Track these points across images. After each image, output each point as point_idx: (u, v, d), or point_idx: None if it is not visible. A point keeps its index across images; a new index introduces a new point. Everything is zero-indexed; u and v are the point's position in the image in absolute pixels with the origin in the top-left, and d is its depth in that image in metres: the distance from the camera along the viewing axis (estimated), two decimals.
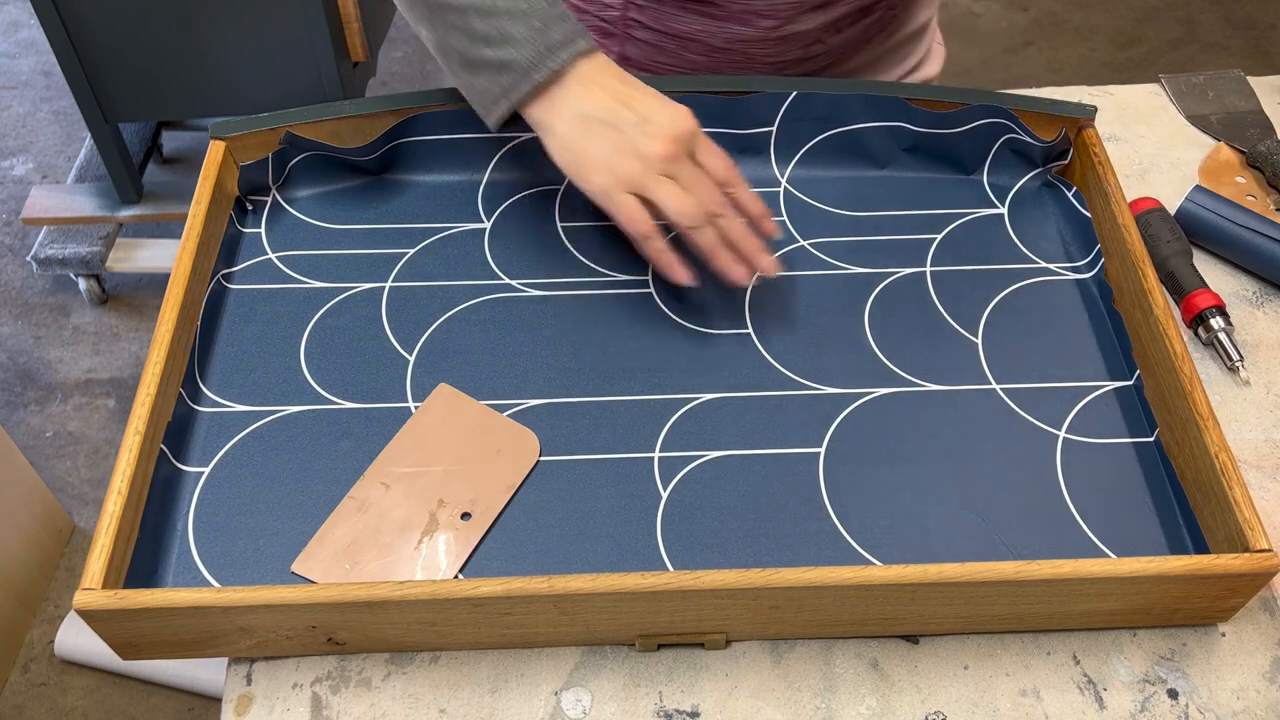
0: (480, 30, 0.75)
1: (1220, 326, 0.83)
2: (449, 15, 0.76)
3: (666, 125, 0.75)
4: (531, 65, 0.75)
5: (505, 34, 0.75)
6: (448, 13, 0.76)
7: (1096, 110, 0.87)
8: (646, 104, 0.76)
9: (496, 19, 0.75)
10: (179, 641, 0.65)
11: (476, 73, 0.77)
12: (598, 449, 0.74)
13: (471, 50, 0.76)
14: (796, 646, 0.69)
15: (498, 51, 0.75)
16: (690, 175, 0.75)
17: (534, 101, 0.77)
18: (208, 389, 0.77)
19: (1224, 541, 0.67)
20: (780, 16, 0.91)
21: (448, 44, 0.77)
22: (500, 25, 0.75)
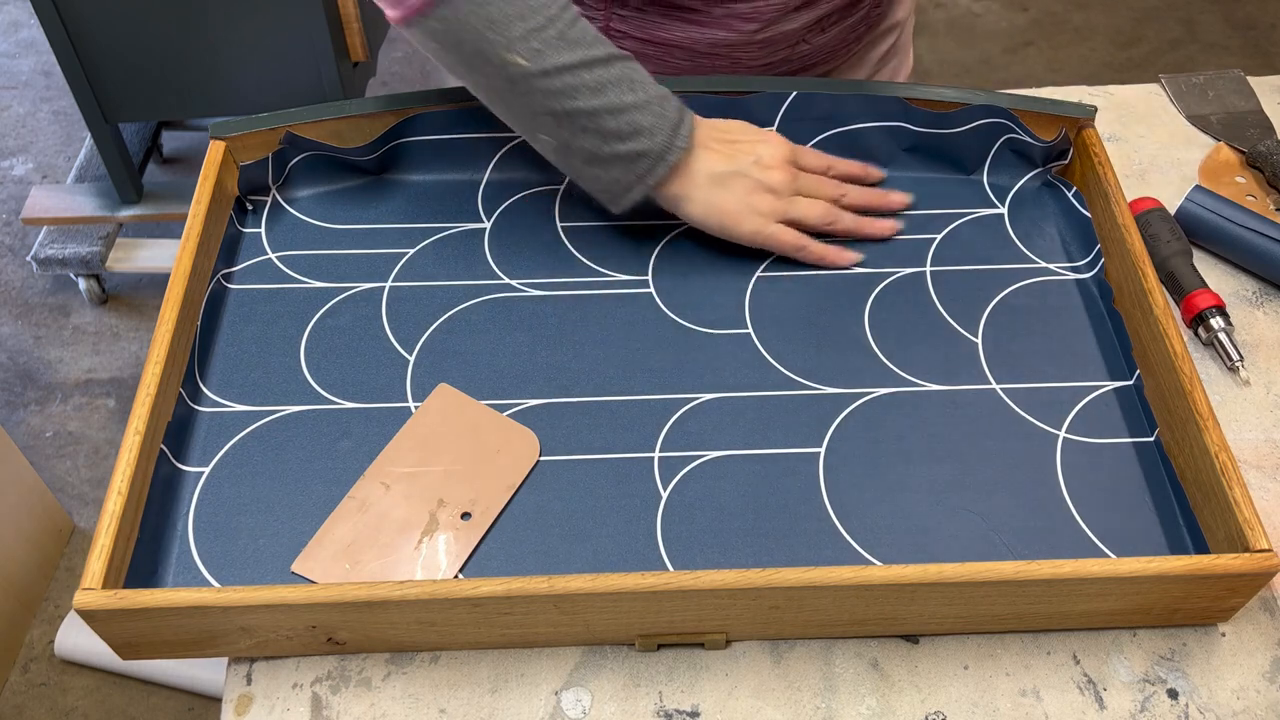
0: (612, 128, 0.77)
1: (1220, 326, 0.83)
2: (579, 120, 0.77)
3: (775, 154, 0.82)
4: (665, 150, 0.78)
5: (636, 126, 0.77)
6: (578, 118, 0.77)
7: (1096, 110, 0.87)
8: (749, 143, 0.83)
9: (627, 114, 0.77)
10: (179, 641, 0.65)
11: (608, 166, 0.79)
12: (598, 449, 0.74)
13: (604, 148, 0.78)
14: (796, 646, 0.69)
15: (630, 144, 0.78)
16: (809, 184, 0.84)
17: (666, 180, 0.80)
18: (208, 389, 0.77)
19: (1224, 541, 0.67)
20: (763, 19, 0.92)
21: (574, 145, 0.78)
22: (631, 119, 0.77)
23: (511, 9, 0.74)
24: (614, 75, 0.76)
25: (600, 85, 0.76)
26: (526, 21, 0.74)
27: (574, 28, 0.76)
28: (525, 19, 0.74)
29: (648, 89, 0.78)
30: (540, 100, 0.76)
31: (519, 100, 0.78)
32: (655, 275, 0.84)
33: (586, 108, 0.76)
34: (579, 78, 0.76)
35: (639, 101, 0.77)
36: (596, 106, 0.76)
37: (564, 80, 0.75)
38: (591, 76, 0.76)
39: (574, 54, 0.75)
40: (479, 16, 0.73)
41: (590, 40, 0.76)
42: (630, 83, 0.77)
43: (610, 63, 0.77)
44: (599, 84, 0.76)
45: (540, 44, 0.74)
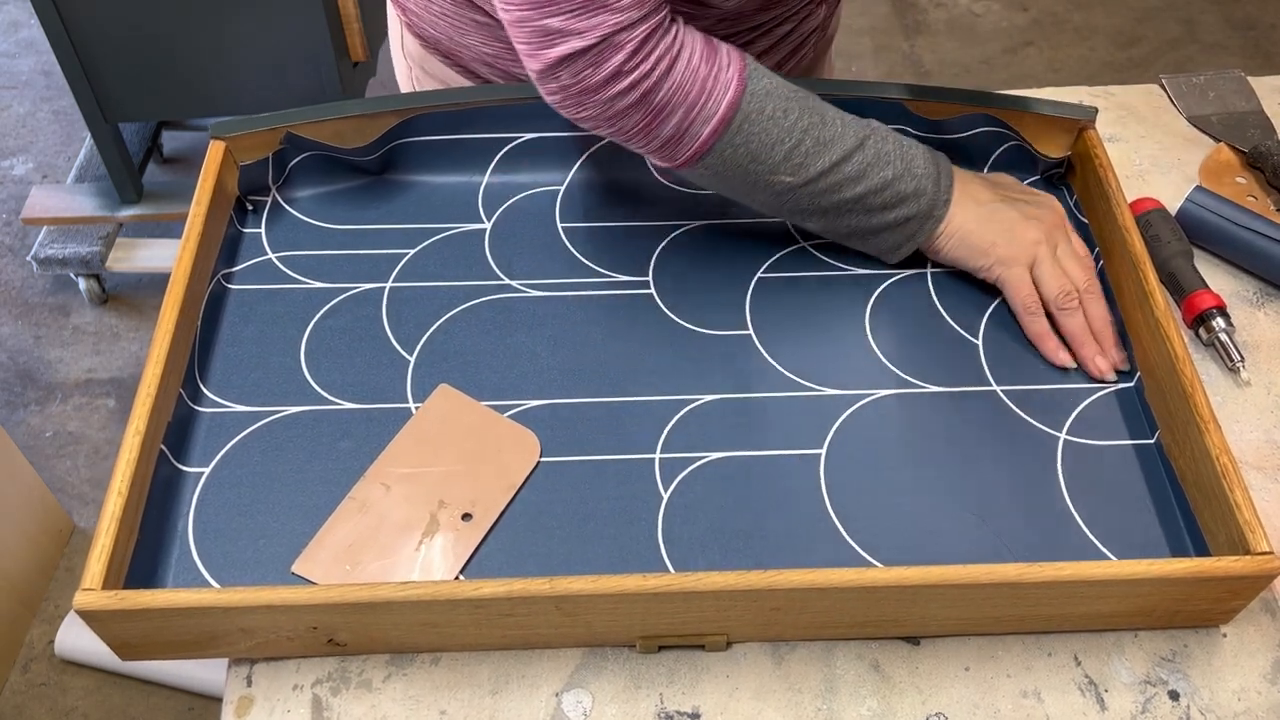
0: (876, 204, 0.79)
1: (1221, 327, 0.83)
2: (845, 207, 0.80)
3: (1048, 204, 0.83)
4: (931, 209, 0.80)
5: (900, 195, 0.79)
6: (844, 206, 0.79)
7: (1097, 112, 0.87)
8: (1021, 189, 0.85)
9: (890, 189, 0.79)
10: (179, 642, 0.65)
11: (879, 235, 0.82)
12: (598, 450, 0.74)
13: (871, 221, 0.81)
14: (797, 648, 0.69)
15: (897, 212, 0.80)
16: (1067, 253, 0.81)
17: (938, 230, 0.81)
18: (208, 389, 0.77)
19: (1225, 544, 0.67)
20: None
21: (842, 226, 0.82)
22: (895, 191, 0.79)
23: (769, 137, 0.76)
24: (870, 157, 0.78)
25: (860, 173, 0.78)
26: (785, 144, 0.76)
27: (826, 128, 0.77)
28: (783, 142, 0.76)
29: (903, 156, 0.79)
30: (809, 201, 0.79)
31: (789, 206, 0.80)
32: (656, 276, 0.84)
33: (852, 196, 0.79)
34: (840, 173, 0.78)
35: (898, 173, 0.79)
36: (860, 193, 0.79)
37: (827, 181, 0.78)
38: (851, 168, 0.78)
39: (831, 154, 0.77)
40: (743, 154, 0.76)
41: (840, 133, 0.78)
42: (886, 157, 0.78)
43: (864, 146, 0.78)
44: (859, 173, 0.78)
45: (800, 158, 0.77)
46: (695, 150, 0.76)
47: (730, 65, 0.75)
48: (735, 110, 0.74)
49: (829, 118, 0.78)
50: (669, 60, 0.72)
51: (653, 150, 0.77)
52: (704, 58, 0.74)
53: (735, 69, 0.75)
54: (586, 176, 0.90)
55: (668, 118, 0.74)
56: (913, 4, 2.82)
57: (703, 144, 0.75)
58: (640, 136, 0.75)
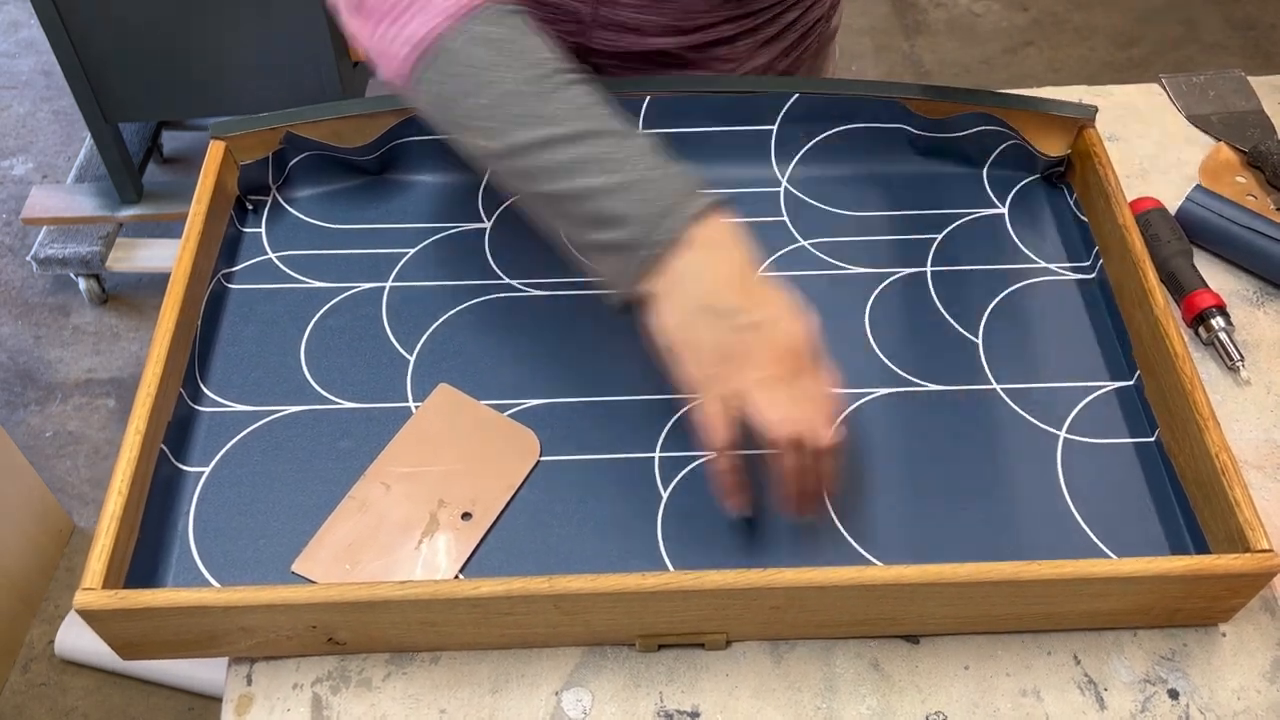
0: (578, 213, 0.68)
1: (1221, 326, 0.83)
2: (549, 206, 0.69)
3: (781, 337, 0.65)
4: (638, 242, 0.66)
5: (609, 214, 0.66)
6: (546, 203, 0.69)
7: (1097, 110, 0.87)
8: (767, 304, 0.66)
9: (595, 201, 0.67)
10: (179, 641, 0.65)
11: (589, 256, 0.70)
12: (598, 449, 0.74)
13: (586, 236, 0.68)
14: (797, 647, 0.69)
15: (605, 234, 0.67)
16: (791, 395, 0.65)
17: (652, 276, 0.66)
18: (208, 389, 0.77)
19: (1224, 542, 0.67)
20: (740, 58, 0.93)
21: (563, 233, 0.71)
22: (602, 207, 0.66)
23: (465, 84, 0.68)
24: (582, 155, 0.67)
25: (562, 168, 0.67)
26: (478, 99, 0.68)
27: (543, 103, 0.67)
28: (476, 95, 0.68)
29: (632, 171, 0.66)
30: (512, 182, 0.71)
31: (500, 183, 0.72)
32: None
33: (545, 194, 0.68)
34: (537, 160, 0.67)
35: (610, 186, 0.66)
36: (556, 192, 0.67)
37: (522, 163, 0.68)
38: (552, 157, 0.67)
39: (533, 132, 0.67)
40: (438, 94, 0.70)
41: (558, 116, 0.67)
42: (605, 163, 0.66)
43: (579, 140, 0.67)
44: (560, 167, 0.67)
45: (494, 123, 0.68)
46: (395, 70, 0.70)
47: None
48: (436, 40, 0.68)
49: (557, 98, 0.67)
50: None
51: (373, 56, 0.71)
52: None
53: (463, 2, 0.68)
54: None
55: (375, 24, 0.69)
56: (913, 4, 2.82)
57: (401, 66, 0.69)
58: (361, 41, 0.71)
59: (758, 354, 0.65)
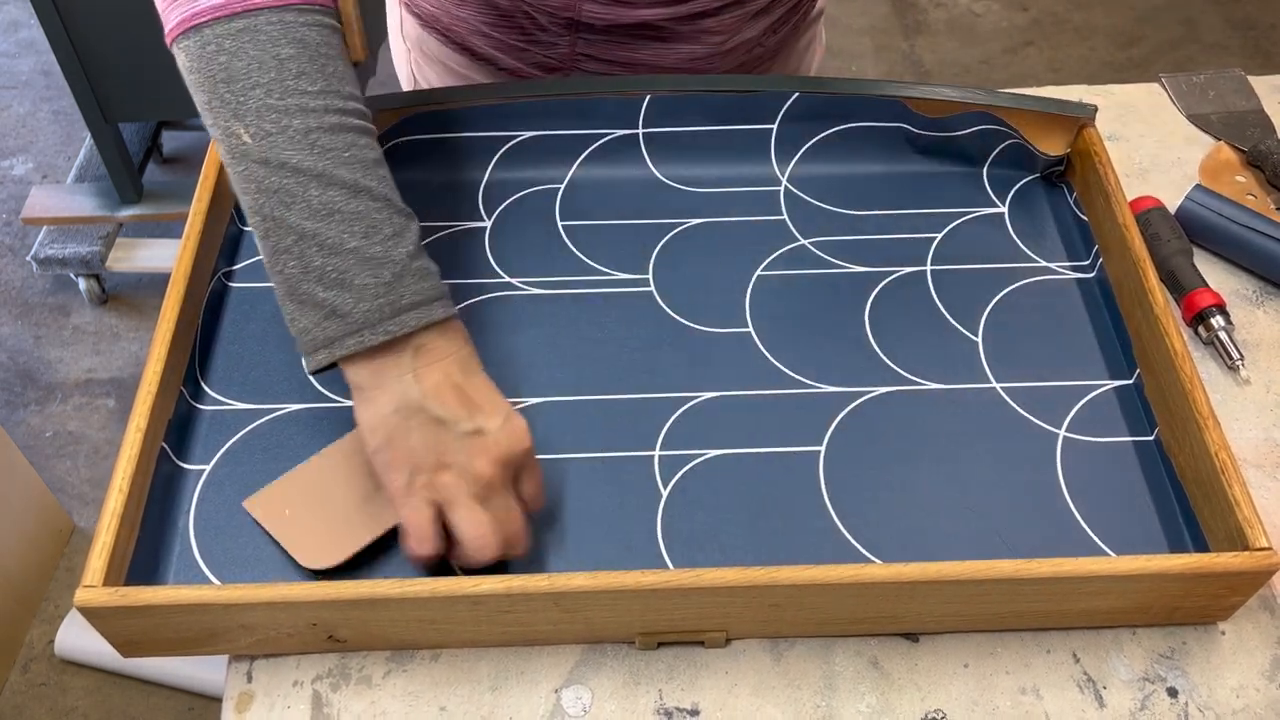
0: (318, 265, 0.63)
1: (1221, 325, 0.83)
2: (284, 235, 0.64)
3: (501, 444, 0.64)
4: (365, 324, 0.63)
5: (345, 279, 0.63)
6: (284, 232, 0.64)
7: (1097, 109, 0.87)
8: (487, 411, 0.64)
9: (339, 257, 0.63)
10: (180, 639, 0.65)
11: (302, 309, 0.65)
12: (598, 447, 0.74)
13: (302, 284, 0.64)
14: (796, 644, 0.69)
15: (331, 295, 0.63)
16: (503, 507, 0.64)
17: (361, 362, 0.64)
18: (209, 387, 0.77)
19: (1224, 540, 0.67)
20: (729, 30, 0.92)
21: (275, 263, 0.65)
22: (342, 266, 0.63)
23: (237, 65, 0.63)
24: (353, 209, 0.63)
25: (326, 210, 0.63)
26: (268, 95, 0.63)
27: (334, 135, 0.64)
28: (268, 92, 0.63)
29: (393, 249, 0.64)
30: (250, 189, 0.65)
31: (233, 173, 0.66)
32: (656, 274, 0.84)
33: (296, 226, 0.63)
34: (304, 189, 0.63)
35: (367, 254, 0.63)
36: (308, 230, 0.63)
37: (284, 182, 0.63)
38: (322, 197, 0.63)
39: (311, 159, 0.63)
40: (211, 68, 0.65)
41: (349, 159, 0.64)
42: (371, 229, 0.63)
43: (360, 195, 0.64)
44: (325, 208, 0.63)
45: (273, 128, 0.63)
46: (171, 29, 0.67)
47: None
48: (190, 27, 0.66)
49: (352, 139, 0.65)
50: None
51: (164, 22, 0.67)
52: None
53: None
54: (587, 174, 0.90)
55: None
56: (913, 4, 2.82)
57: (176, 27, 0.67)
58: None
59: (472, 461, 0.63)
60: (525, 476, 0.67)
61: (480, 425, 0.64)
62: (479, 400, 0.65)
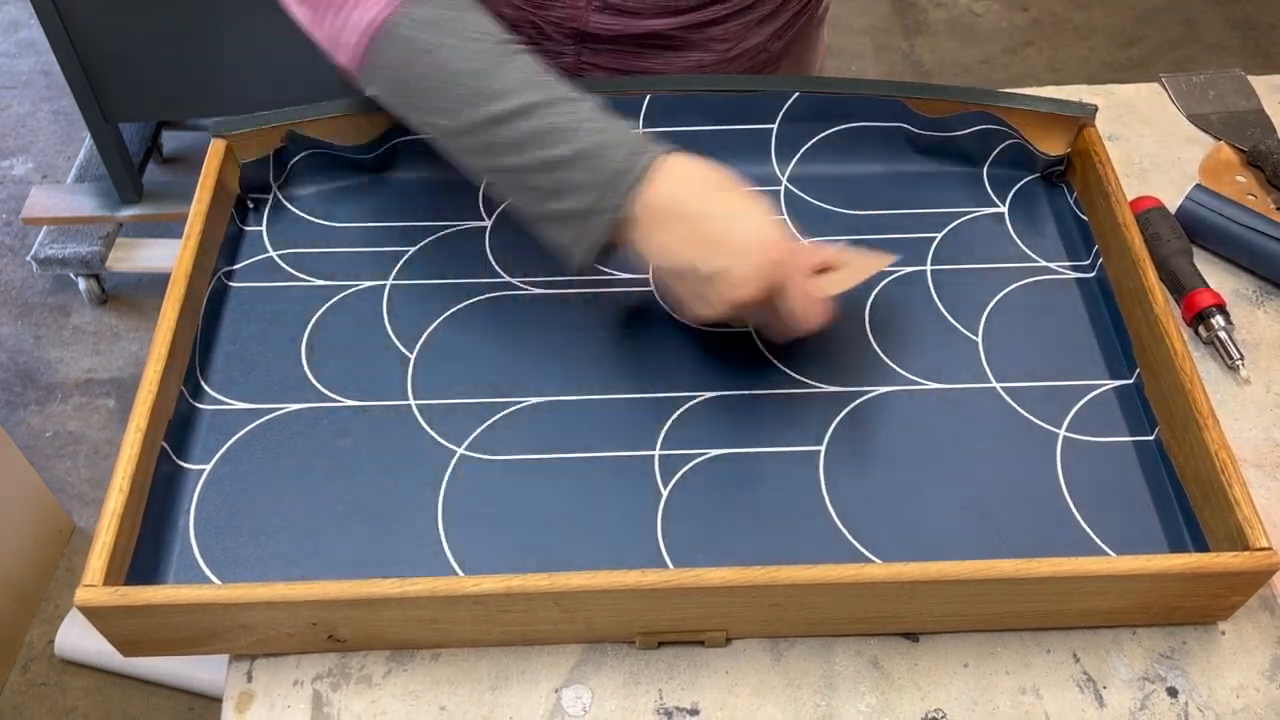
0: (537, 185, 0.71)
1: (1221, 325, 0.83)
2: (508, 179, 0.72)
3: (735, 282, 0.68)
4: (590, 212, 0.69)
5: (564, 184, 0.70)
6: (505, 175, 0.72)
7: (1097, 109, 0.87)
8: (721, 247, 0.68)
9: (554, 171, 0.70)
10: (180, 638, 0.65)
11: (548, 227, 0.73)
12: (598, 446, 0.74)
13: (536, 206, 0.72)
14: (796, 644, 0.69)
15: (558, 204, 0.70)
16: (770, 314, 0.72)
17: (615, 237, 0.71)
18: (209, 386, 0.77)
19: (1224, 540, 0.67)
20: (735, 37, 0.92)
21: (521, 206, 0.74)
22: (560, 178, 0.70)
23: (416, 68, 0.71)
24: (536, 129, 0.69)
25: (520, 141, 0.70)
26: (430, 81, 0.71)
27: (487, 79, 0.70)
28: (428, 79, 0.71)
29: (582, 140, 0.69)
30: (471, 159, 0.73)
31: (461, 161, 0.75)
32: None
33: (509, 166, 0.71)
34: (496, 135, 0.70)
35: (566, 156, 0.69)
36: (518, 165, 0.70)
37: (481, 139, 0.71)
38: (510, 132, 0.70)
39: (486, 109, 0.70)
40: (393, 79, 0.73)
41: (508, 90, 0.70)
42: (558, 134, 0.69)
43: (533, 113, 0.69)
44: (518, 140, 0.70)
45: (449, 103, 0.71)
46: (350, 58, 0.74)
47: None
48: (380, 27, 0.71)
49: (503, 71, 0.70)
50: None
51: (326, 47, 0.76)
52: None
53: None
54: None
55: (323, 15, 0.73)
56: (913, 4, 2.82)
57: (354, 51, 0.73)
58: (313, 31, 0.76)
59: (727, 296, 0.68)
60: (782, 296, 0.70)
61: (716, 269, 0.68)
62: (712, 238, 0.68)
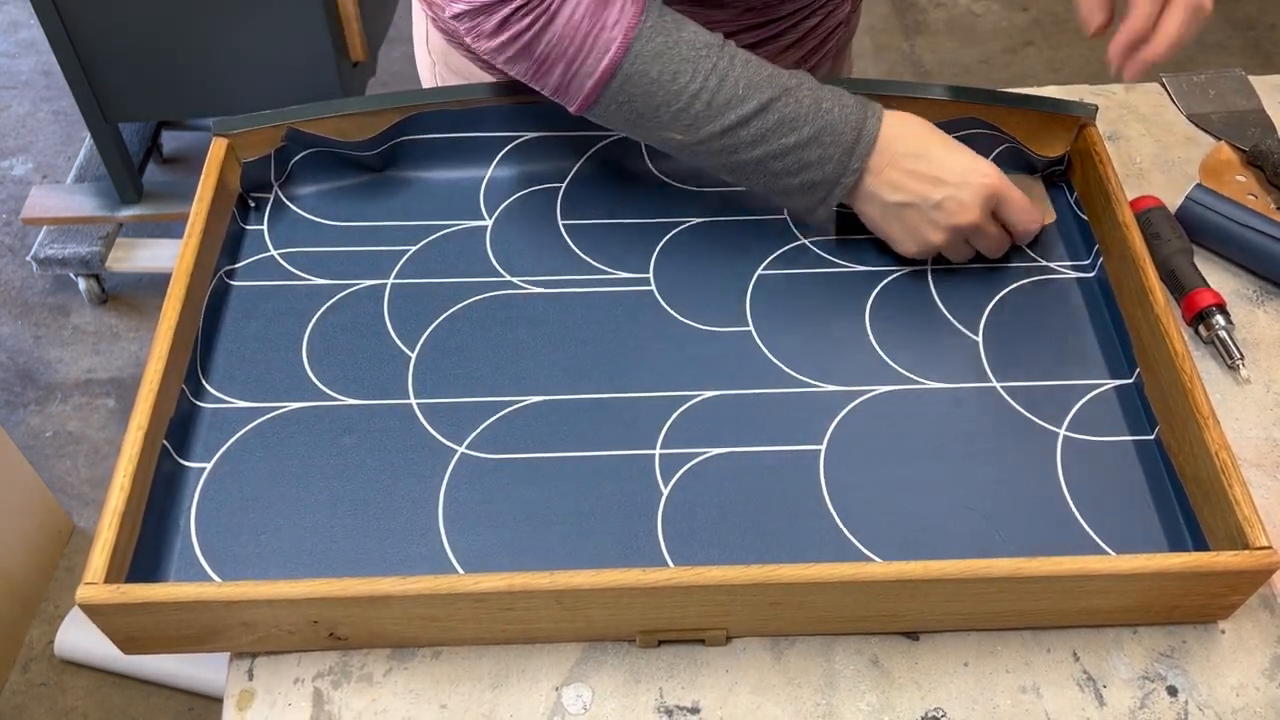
0: (779, 168, 0.79)
1: (1221, 325, 0.83)
2: (745, 168, 0.80)
3: (965, 204, 0.79)
4: (837, 177, 0.79)
5: (804, 163, 0.79)
6: (743, 166, 0.80)
7: (1097, 109, 0.87)
8: (942, 182, 0.79)
9: (791, 155, 0.78)
10: (181, 636, 0.65)
11: (787, 197, 0.82)
12: (599, 446, 0.74)
13: (777, 183, 0.80)
14: (797, 643, 0.69)
15: (803, 177, 0.79)
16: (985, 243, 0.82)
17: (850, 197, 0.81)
18: (210, 385, 0.77)
19: (1224, 539, 0.67)
20: None
21: (749, 184, 0.82)
22: (798, 158, 0.78)
23: (654, 99, 0.77)
24: (772, 123, 0.77)
25: (759, 137, 0.78)
26: (671, 106, 0.77)
27: (721, 91, 0.77)
28: (670, 105, 0.77)
29: (814, 122, 0.78)
30: (707, 159, 0.80)
31: (691, 159, 0.82)
32: (656, 273, 0.84)
33: (750, 159, 0.79)
34: (736, 137, 0.78)
35: (803, 140, 0.78)
36: (759, 156, 0.78)
37: (721, 143, 0.78)
38: (749, 132, 0.77)
39: (725, 119, 0.77)
40: (629, 111, 0.78)
41: (741, 97, 0.77)
42: (792, 122, 0.77)
43: (767, 110, 0.77)
44: (757, 137, 0.78)
45: (689, 120, 0.77)
46: (581, 102, 0.78)
47: (617, 24, 0.75)
48: (616, 69, 0.76)
49: (731, 79, 0.77)
50: (547, 16, 0.74)
51: (550, 95, 0.80)
52: (588, 13, 0.75)
53: (622, 28, 0.75)
54: (588, 174, 0.90)
55: (550, 69, 0.77)
56: (913, 4, 2.82)
57: (586, 97, 0.78)
58: (534, 83, 0.79)
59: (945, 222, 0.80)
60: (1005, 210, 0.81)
61: (942, 195, 0.79)
62: (939, 173, 0.79)
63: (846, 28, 1.02)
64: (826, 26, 0.98)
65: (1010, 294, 0.83)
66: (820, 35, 0.98)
